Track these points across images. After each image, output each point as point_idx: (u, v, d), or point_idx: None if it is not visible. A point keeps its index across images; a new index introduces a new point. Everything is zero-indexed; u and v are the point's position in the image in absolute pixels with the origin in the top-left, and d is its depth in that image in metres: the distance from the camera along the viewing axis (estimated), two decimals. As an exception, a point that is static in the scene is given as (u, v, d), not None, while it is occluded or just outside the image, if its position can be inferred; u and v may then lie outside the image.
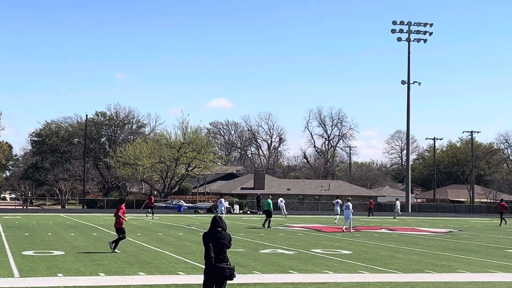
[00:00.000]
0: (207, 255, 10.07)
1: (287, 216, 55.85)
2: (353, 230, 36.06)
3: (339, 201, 49.04)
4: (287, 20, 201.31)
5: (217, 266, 9.98)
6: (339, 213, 46.99)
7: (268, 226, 38.24)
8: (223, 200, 50.72)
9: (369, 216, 61.84)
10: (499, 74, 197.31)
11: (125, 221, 22.48)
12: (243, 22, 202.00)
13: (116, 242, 21.79)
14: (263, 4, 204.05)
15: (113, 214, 24.16)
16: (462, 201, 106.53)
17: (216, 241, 10.12)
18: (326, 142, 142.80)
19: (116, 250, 21.53)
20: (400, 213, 62.78)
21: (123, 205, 22.83)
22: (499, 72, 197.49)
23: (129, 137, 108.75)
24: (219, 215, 10.87)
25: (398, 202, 63.64)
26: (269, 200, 40.52)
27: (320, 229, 38.32)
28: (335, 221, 45.49)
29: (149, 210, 50.10)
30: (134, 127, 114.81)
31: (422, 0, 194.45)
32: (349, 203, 36.67)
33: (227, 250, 10.25)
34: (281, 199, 59.33)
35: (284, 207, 57.26)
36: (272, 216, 40.33)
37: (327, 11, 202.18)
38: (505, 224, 48.94)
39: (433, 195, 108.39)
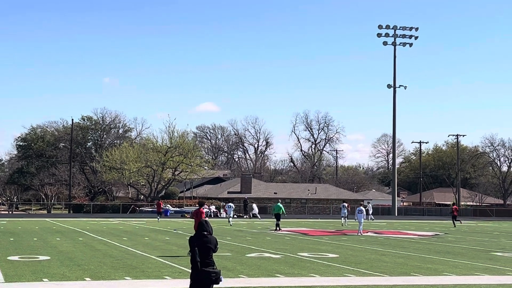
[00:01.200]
0: (193, 259, 10.05)
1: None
2: (360, 234, 37.04)
3: (346, 204, 50.78)
4: (273, 25, 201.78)
5: (203, 270, 9.96)
6: (346, 216, 49.92)
7: (279, 229, 39.66)
8: (232, 204, 53.39)
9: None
10: (484, 78, 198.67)
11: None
12: (230, 27, 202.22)
13: None
14: (249, 10, 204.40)
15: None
16: (448, 204, 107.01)
17: (202, 245, 10.10)
18: (313, 146, 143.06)
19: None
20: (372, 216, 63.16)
21: (202, 208, 22.99)
22: (484, 75, 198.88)
23: (115, 141, 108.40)
24: (205, 219, 10.86)
25: (370, 205, 65.29)
26: (280, 204, 42.15)
27: (307, 232, 38.35)
28: (345, 224, 48.12)
29: (159, 213, 53.35)
30: (120, 131, 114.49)
31: (407, 5, 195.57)
32: (362, 208, 38.61)
33: (213, 254, 10.24)
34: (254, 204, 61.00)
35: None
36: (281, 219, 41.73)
37: (313, 15, 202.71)
38: (461, 223, 52.68)
39: (419, 198, 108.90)
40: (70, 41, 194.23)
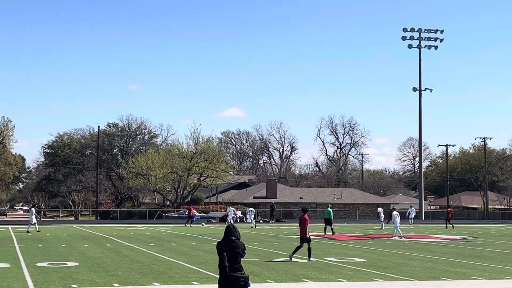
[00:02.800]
0: (221, 265, 10.04)
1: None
2: (401, 237, 37.67)
3: (381, 209, 52.71)
4: (298, 29, 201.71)
5: (231, 275, 9.96)
6: (382, 220, 51.17)
7: (333, 233, 40.73)
8: (252, 209, 56.46)
9: (388, 223, 61.51)
10: (511, 80, 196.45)
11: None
12: (256, 33, 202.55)
13: (296, 250, 22.59)
14: (274, 15, 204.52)
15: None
16: (476, 207, 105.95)
17: (230, 250, 10.10)
18: (338, 150, 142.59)
19: (310, 259, 22.33)
20: (413, 219, 62.72)
21: (306, 214, 23.31)
22: (511, 77, 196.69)
23: (141, 147, 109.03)
24: (233, 224, 10.85)
25: (413, 209, 64.49)
26: (329, 209, 43.37)
27: (334, 237, 38.20)
28: (383, 229, 48.71)
29: (188, 220, 55.01)
30: (146, 137, 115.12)
31: (432, 7, 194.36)
32: (396, 212, 39.76)
33: (241, 259, 10.24)
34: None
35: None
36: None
37: (338, 19, 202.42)
38: (452, 228, 52.64)
39: (447, 202, 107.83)
40: (97, 49, 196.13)
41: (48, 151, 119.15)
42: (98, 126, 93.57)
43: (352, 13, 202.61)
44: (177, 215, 72.03)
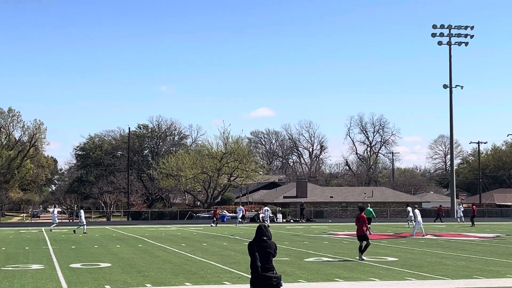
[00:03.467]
0: (253, 265, 10.05)
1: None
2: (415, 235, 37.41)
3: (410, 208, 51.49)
4: (327, 29, 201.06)
5: (263, 275, 9.96)
6: (412, 220, 49.17)
7: (369, 232, 40.24)
8: (267, 208, 57.03)
9: (435, 222, 61.11)
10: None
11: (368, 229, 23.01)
12: (285, 32, 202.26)
13: (364, 250, 22.42)
14: (303, 14, 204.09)
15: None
16: (509, 205, 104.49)
17: (262, 250, 10.10)
18: (368, 149, 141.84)
19: (363, 258, 22.28)
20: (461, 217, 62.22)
21: (363, 213, 23.30)
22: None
23: (171, 148, 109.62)
24: (265, 224, 10.88)
25: (461, 206, 64.16)
26: (370, 208, 44.05)
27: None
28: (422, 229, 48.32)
29: (214, 220, 55.80)
30: (176, 138, 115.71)
31: (462, 3, 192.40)
32: (417, 210, 39.26)
33: (273, 259, 10.24)
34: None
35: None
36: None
37: (367, 18, 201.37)
38: (472, 226, 52.08)
39: (479, 199, 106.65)
40: (127, 51, 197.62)
41: (79, 153, 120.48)
42: (129, 128, 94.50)
43: (381, 11, 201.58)
44: (207, 215, 72.19)
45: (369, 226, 41.35)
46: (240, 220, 57.45)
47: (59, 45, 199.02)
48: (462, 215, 62.30)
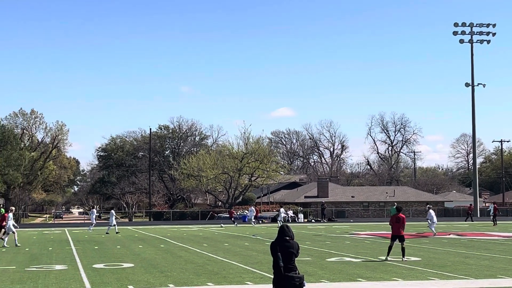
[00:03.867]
0: (275, 265, 10.03)
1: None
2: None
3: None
4: (347, 28, 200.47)
5: (286, 275, 9.94)
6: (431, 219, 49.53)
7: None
8: (253, 208, 58.82)
9: (466, 221, 60.61)
10: None
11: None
12: (304, 32, 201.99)
13: (402, 252, 22.40)
14: (323, 13, 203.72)
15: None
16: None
17: (284, 250, 10.09)
18: (390, 148, 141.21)
19: (404, 258, 22.23)
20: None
21: (401, 213, 23.28)
22: None
23: (192, 149, 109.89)
24: (286, 224, 10.85)
25: (491, 205, 63.33)
26: (394, 207, 42.65)
27: (387, 236, 37.78)
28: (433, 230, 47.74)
29: (232, 219, 58.58)
30: (197, 139, 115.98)
31: (484, 1, 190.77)
32: (431, 210, 40.18)
33: (295, 259, 10.22)
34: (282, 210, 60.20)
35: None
36: None
37: (387, 16, 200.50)
38: (494, 225, 51.71)
39: (502, 198, 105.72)
40: (148, 52, 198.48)
41: (101, 154, 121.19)
42: (150, 129, 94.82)
43: (402, 10, 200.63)
44: (228, 215, 72.34)
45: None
46: (254, 220, 57.45)
47: (83, 47, 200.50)
48: (492, 214, 61.65)
